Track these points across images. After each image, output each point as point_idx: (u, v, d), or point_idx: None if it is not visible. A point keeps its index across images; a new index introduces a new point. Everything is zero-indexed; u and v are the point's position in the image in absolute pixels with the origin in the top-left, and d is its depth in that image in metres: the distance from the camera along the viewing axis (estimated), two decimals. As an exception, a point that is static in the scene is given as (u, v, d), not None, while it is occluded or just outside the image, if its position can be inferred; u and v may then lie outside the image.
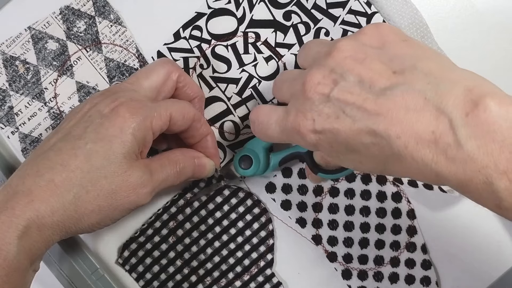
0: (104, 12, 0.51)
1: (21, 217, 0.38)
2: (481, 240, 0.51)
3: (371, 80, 0.35)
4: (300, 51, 0.43)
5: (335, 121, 0.36)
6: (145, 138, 0.42)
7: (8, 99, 0.50)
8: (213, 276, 0.50)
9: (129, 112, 0.41)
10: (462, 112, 0.32)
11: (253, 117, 0.43)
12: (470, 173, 0.31)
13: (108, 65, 0.51)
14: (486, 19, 0.52)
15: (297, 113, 0.38)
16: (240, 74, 0.51)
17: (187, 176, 0.45)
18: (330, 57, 0.37)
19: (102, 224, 0.42)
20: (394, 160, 0.34)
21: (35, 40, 0.51)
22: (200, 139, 0.46)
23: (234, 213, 0.50)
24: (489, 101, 0.31)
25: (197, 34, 0.51)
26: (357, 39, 0.38)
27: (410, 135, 0.33)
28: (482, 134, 0.31)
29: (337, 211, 0.50)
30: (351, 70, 0.36)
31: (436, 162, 0.32)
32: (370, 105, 0.34)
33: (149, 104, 0.43)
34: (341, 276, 0.50)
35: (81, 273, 0.48)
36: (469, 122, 0.31)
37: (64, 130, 0.42)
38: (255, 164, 0.47)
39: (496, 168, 0.31)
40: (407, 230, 0.51)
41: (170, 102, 0.44)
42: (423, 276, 0.50)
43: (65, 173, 0.40)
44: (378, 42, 0.37)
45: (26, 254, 0.39)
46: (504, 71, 0.51)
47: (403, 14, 0.50)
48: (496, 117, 0.31)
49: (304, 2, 0.51)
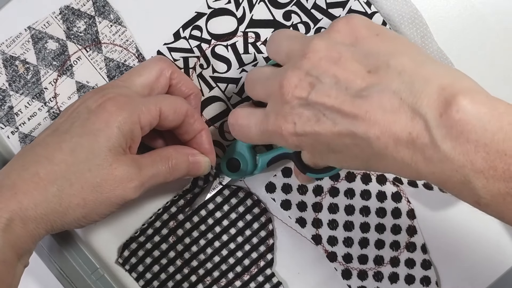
0: (104, 12, 0.51)
1: (4, 209, 0.38)
2: (481, 240, 0.51)
3: (346, 81, 0.35)
4: (270, 43, 0.42)
5: (315, 124, 0.36)
6: (133, 132, 0.42)
7: (8, 99, 0.50)
8: (213, 276, 0.50)
9: (115, 106, 0.41)
10: (436, 112, 0.32)
11: (232, 121, 0.43)
12: (448, 172, 0.32)
13: (108, 65, 0.51)
14: (486, 19, 0.52)
15: (277, 117, 0.38)
16: (240, 74, 0.51)
17: (181, 173, 0.45)
18: (305, 59, 0.37)
19: (88, 219, 0.41)
20: (376, 159, 0.35)
21: (35, 40, 0.51)
22: (194, 135, 0.46)
23: (234, 213, 0.50)
24: (461, 100, 0.31)
25: (197, 34, 0.51)
26: (330, 37, 0.38)
27: (388, 136, 0.33)
28: (457, 135, 0.31)
29: (337, 211, 0.50)
30: (327, 71, 0.36)
31: (416, 162, 0.33)
32: (348, 108, 0.34)
33: (138, 99, 0.43)
34: (341, 276, 0.50)
35: (81, 273, 0.48)
36: (444, 122, 0.32)
37: (53, 126, 0.43)
38: (243, 167, 0.48)
39: (473, 167, 0.31)
40: (407, 230, 0.51)
41: (161, 97, 0.44)
42: (423, 276, 0.50)
43: (49, 166, 0.40)
44: (351, 39, 0.37)
45: (11, 247, 0.39)
46: (504, 71, 0.51)
47: (403, 14, 0.50)
48: (469, 117, 0.31)
49: (304, 2, 0.51)
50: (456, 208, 0.51)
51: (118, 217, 0.50)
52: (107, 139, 0.40)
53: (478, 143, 0.31)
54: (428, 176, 0.33)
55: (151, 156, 0.43)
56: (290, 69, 0.37)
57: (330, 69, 0.36)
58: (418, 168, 0.33)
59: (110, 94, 0.42)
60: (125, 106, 0.41)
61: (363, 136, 0.34)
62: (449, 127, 0.31)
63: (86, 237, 0.51)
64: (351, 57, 0.36)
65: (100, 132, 0.40)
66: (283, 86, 0.37)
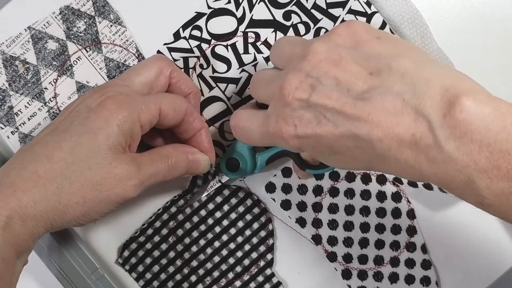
0: (104, 12, 0.51)
1: (3, 207, 0.38)
2: (481, 240, 0.51)
3: (348, 83, 0.35)
4: (273, 49, 0.42)
5: (317, 126, 0.36)
6: (132, 131, 0.42)
7: (8, 99, 0.50)
8: (213, 276, 0.50)
9: (115, 104, 0.41)
10: (439, 113, 0.32)
11: (233, 123, 0.43)
12: (452, 172, 0.32)
13: (108, 65, 0.51)
14: (486, 19, 0.52)
15: (278, 119, 0.38)
16: (240, 74, 0.51)
17: (180, 171, 0.45)
18: (305, 61, 0.37)
19: (88, 217, 0.41)
20: (379, 161, 0.35)
21: (35, 40, 0.51)
22: (194, 134, 0.46)
23: (234, 213, 0.50)
24: (465, 101, 0.32)
25: (197, 34, 0.51)
26: (330, 40, 0.38)
27: (391, 138, 0.33)
28: (461, 135, 0.31)
29: (337, 211, 0.50)
30: (327, 73, 0.36)
31: (419, 163, 0.33)
32: (350, 109, 0.34)
33: (138, 98, 0.43)
34: (341, 276, 0.50)
35: (81, 273, 0.48)
36: (447, 123, 0.32)
37: (53, 125, 0.43)
38: (242, 166, 0.48)
39: (477, 167, 0.31)
40: (407, 230, 0.51)
41: (161, 96, 0.44)
42: (423, 276, 0.50)
43: (48, 164, 0.40)
44: (352, 42, 0.37)
45: (10, 245, 0.39)
46: (504, 71, 0.51)
47: (403, 14, 0.50)
48: (472, 117, 0.31)
49: (304, 2, 0.51)
50: (456, 208, 0.51)
51: (118, 217, 0.50)
52: (106, 138, 0.41)
53: (481, 143, 0.31)
54: (431, 177, 0.33)
55: (150, 155, 0.43)
56: (291, 71, 0.38)
57: (330, 71, 0.36)
58: (422, 169, 0.33)
59: (110, 92, 0.42)
60: (125, 104, 0.41)
61: (366, 138, 0.34)
62: (453, 128, 0.32)
63: (86, 237, 0.51)
64: (352, 59, 0.36)
65: (100, 131, 0.40)
66: (284, 88, 0.37)
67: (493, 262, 0.51)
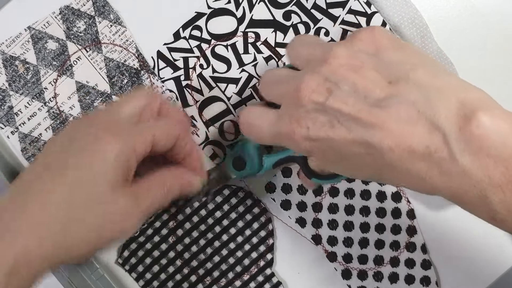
0: (104, 12, 0.51)
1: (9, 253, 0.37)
2: (481, 240, 0.51)
3: (365, 90, 0.35)
4: (290, 47, 0.42)
5: (330, 130, 0.36)
6: (129, 162, 0.40)
7: (8, 99, 0.50)
8: (213, 276, 0.50)
9: (110, 136, 0.40)
10: (455, 126, 0.32)
11: (242, 119, 0.42)
12: (465, 186, 0.32)
13: (108, 65, 0.51)
14: (486, 19, 0.52)
15: (291, 120, 0.37)
16: (240, 74, 0.51)
17: (174, 194, 0.43)
18: (326, 64, 0.37)
19: (92, 254, 0.41)
20: (388, 170, 0.35)
21: (35, 40, 0.51)
22: (185, 157, 0.44)
23: (234, 213, 0.50)
24: (481, 116, 0.32)
25: (197, 34, 0.51)
26: (352, 45, 0.37)
27: (403, 148, 0.33)
28: (476, 149, 0.31)
29: (337, 211, 0.50)
30: (346, 79, 0.36)
31: (431, 176, 0.33)
32: (365, 116, 0.34)
33: (131, 128, 0.41)
34: (341, 276, 0.50)
35: (81, 273, 0.48)
36: (463, 137, 0.32)
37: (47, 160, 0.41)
38: (248, 165, 0.47)
39: (491, 182, 0.31)
40: (407, 230, 0.51)
41: (153, 124, 0.43)
42: (423, 276, 0.50)
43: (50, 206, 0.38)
44: (373, 48, 0.37)
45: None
46: (504, 71, 0.51)
47: (403, 14, 0.50)
48: (489, 132, 0.31)
49: (304, 2, 0.51)
50: (456, 208, 0.50)
51: (118, 217, 0.50)
52: (104, 174, 0.39)
53: (498, 158, 0.31)
54: (443, 191, 0.33)
55: (146, 183, 0.42)
56: (309, 73, 0.37)
57: (350, 76, 0.36)
58: (433, 182, 0.33)
59: (102, 124, 0.41)
60: (119, 136, 0.40)
61: (377, 145, 0.34)
62: (468, 142, 0.32)
63: (86, 237, 0.51)
64: (372, 67, 0.36)
65: (98, 167, 0.39)
66: (300, 89, 0.37)
67: (493, 262, 0.51)
